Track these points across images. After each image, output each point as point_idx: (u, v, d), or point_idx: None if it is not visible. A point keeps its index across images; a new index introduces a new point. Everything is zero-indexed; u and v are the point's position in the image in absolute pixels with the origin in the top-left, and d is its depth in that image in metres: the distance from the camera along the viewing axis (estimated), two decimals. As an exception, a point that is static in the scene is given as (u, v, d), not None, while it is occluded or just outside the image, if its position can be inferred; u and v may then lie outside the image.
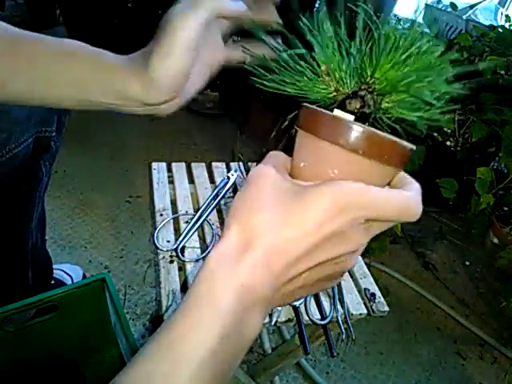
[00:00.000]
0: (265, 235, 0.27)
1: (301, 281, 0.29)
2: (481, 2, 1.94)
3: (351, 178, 0.28)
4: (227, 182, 0.80)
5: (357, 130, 0.29)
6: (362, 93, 0.34)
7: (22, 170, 0.71)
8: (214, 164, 0.92)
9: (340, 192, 0.27)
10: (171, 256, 0.69)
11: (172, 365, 0.26)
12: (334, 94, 0.35)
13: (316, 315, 0.65)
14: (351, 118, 0.32)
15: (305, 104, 0.33)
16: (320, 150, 0.31)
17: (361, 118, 0.33)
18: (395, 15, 2.07)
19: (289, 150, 0.35)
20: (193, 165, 0.91)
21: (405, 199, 0.29)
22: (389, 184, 0.34)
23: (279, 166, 0.32)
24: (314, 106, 0.32)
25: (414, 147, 0.32)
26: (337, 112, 0.32)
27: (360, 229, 0.29)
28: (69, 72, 0.40)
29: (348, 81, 0.34)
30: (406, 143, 0.31)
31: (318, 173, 0.31)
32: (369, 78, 0.34)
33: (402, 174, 0.33)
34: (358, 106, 0.33)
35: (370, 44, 0.34)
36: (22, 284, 0.90)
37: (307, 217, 0.27)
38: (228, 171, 0.84)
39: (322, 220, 0.27)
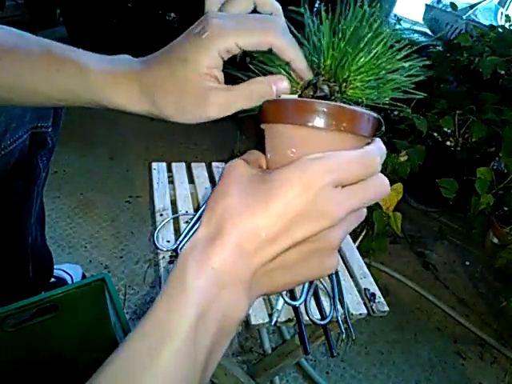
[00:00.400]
0: (233, 220, 0.28)
1: (278, 262, 0.29)
2: (481, 2, 1.94)
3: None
4: (227, 182, 0.80)
5: (321, 105, 0.30)
6: (316, 81, 0.36)
7: (19, 166, 0.70)
8: (214, 164, 0.92)
9: (299, 167, 0.28)
10: (171, 256, 0.69)
11: (156, 342, 0.27)
12: (297, 88, 0.37)
13: (316, 315, 0.65)
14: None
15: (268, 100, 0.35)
16: (282, 134, 0.32)
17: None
18: (395, 15, 2.07)
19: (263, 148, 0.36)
20: (193, 165, 0.91)
21: (363, 151, 0.30)
22: None
23: (251, 160, 0.33)
24: (284, 98, 0.34)
25: (376, 115, 0.32)
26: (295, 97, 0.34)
27: (332, 199, 0.28)
28: (52, 86, 0.39)
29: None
30: (366, 111, 0.32)
31: (282, 159, 0.32)
32: (325, 69, 0.36)
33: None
34: (311, 93, 0.35)
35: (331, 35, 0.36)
36: (23, 280, 0.90)
37: (274, 197, 0.27)
38: (228, 171, 0.84)
39: (288, 197, 0.27)
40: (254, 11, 0.38)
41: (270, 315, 0.64)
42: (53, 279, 1.04)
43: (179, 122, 0.39)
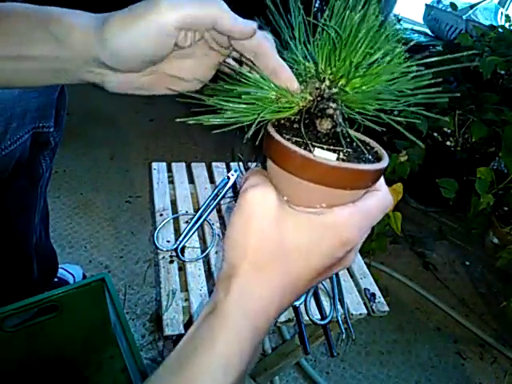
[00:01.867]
0: (276, 274, 0.29)
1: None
2: (481, 2, 1.94)
3: (338, 205, 0.30)
4: (227, 182, 0.80)
5: (327, 166, 0.28)
6: (329, 109, 0.32)
7: (21, 166, 0.70)
8: (214, 164, 0.92)
9: (338, 227, 0.29)
10: (171, 256, 0.69)
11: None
12: (297, 106, 0.33)
13: (316, 315, 0.65)
14: (333, 157, 0.30)
15: (272, 132, 0.31)
16: (300, 185, 0.30)
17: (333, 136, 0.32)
18: (395, 15, 2.07)
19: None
20: (193, 165, 0.91)
21: (382, 198, 0.31)
22: None
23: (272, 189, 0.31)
24: (285, 142, 0.30)
25: (384, 165, 0.31)
26: (317, 153, 0.30)
27: (355, 248, 0.31)
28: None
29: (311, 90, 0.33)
30: (373, 167, 0.30)
31: (305, 205, 0.31)
32: (331, 86, 0.33)
33: None
34: (329, 127, 0.32)
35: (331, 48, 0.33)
36: (27, 279, 0.90)
37: (312, 254, 0.29)
38: (228, 171, 0.84)
39: (325, 256, 0.29)
40: None
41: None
42: (56, 279, 1.04)
43: (134, 68, 0.35)
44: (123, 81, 0.37)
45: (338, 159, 0.30)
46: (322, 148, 0.31)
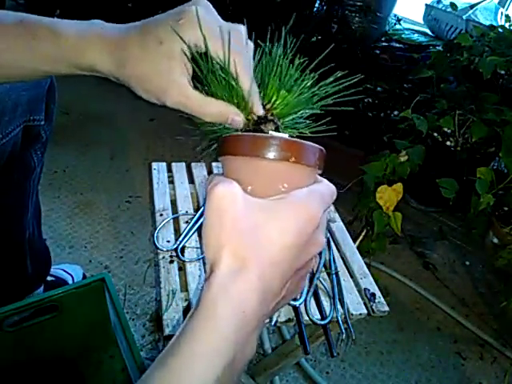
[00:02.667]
0: (254, 259, 0.29)
1: (284, 291, 0.32)
2: (481, 2, 1.94)
3: (296, 186, 0.33)
4: (227, 182, 0.80)
5: (273, 139, 0.34)
6: (271, 117, 0.41)
7: (13, 160, 0.70)
8: (213, 164, 0.92)
9: (301, 203, 0.31)
10: (171, 256, 0.69)
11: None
12: (246, 121, 0.41)
13: (316, 315, 0.65)
14: (286, 135, 0.36)
15: (232, 135, 0.37)
16: (262, 169, 0.34)
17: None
18: (395, 15, 2.07)
19: None
20: (193, 165, 0.91)
21: (327, 184, 0.35)
22: None
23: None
24: (247, 133, 0.38)
25: (319, 147, 0.37)
26: (272, 133, 0.38)
27: (321, 227, 0.32)
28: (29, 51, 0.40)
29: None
30: (311, 143, 0.35)
31: (268, 191, 0.34)
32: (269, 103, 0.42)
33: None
34: (273, 128, 0.40)
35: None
36: (21, 275, 0.90)
37: (284, 233, 0.30)
38: (228, 171, 0.84)
39: (296, 233, 0.30)
40: None
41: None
42: (53, 279, 1.04)
43: (137, 93, 0.41)
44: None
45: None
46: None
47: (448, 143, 1.39)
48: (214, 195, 0.30)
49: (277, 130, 0.41)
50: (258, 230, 0.30)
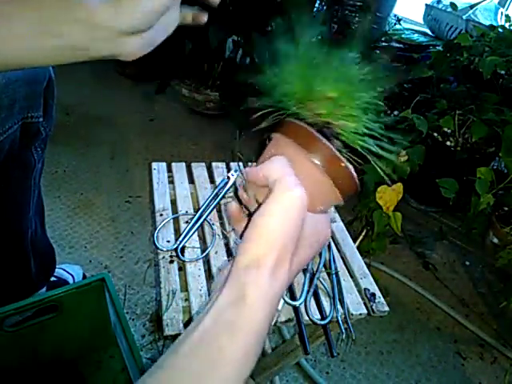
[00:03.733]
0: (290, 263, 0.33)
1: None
2: (481, 2, 1.94)
3: (325, 207, 0.38)
4: (227, 182, 0.80)
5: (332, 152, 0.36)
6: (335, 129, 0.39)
7: (12, 158, 0.70)
8: (214, 164, 0.92)
9: (327, 223, 0.40)
10: (171, 256, 0.69)
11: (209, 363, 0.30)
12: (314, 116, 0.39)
13: (316, 315, 0.65)
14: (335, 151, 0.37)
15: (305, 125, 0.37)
16: (287, 152, 0.36)
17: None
18: (395, 15, 2.07)
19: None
20: (193, 165, 0.91)
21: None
22: None
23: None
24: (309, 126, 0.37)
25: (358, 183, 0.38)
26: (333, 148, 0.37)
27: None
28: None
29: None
30: (355, 176, 0.38)
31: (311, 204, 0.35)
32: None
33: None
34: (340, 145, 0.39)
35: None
36: (26, 275, 0.89)
37: (316, 241, 0.37)
38: (228, 171, 0.84)
39: (318, 244, 0.38)
40: None
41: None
42: (54, 279, 1.04)
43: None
44: None
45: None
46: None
47: (448, 143, 1.39)
48: (292, 196, 0.32)
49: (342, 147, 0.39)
50: (301, 236, 0.34)
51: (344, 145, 0.39)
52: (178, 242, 0.70)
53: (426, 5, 2.19)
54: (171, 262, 0.69)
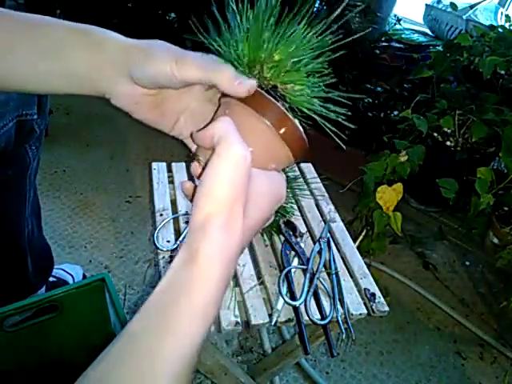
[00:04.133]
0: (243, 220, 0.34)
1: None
2: (481, 2, 1.94)
3: (277, 165, 0.40)
4: (227, 182, 0.80)
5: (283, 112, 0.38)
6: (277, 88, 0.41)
7: (7, 156, 0.70)
8: (214, 164, 0.91)
9: (283, 185, 0.40)
10: (171, 256, 0.69)
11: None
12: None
13: (316, 315, 0.65)
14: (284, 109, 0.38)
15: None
16: (264, 133, 0.38)
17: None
18: (395, 15, 2.07)
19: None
20: (193, 165, 0.91)
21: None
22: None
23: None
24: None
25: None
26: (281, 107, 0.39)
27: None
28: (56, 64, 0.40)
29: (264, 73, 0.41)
30: (303, 132, 0.39)
31: (262, 162, 0.38)
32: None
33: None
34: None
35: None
36: (23, 275, 0.89)
37: (268, 201, 0.37)
38: (228, 171, 0.84)
39: (273, 204, 0.38)
40: None
41: (270, 315, 0.64)
42: (54, 279, 1.04)
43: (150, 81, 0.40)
44: (130, 94, 0.42)
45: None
46: None
47: (448, 143, 1.38)
48: (234, 151, 0.33)
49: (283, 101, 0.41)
50: (250, 194, 0.34)
51: (290, 107, 0.41)
52: (178, 242, 0.70)
53: (426, 5, 2.19)
54: (171, 262, 0.69)
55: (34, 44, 0.40)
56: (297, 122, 0.39)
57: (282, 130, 0.37)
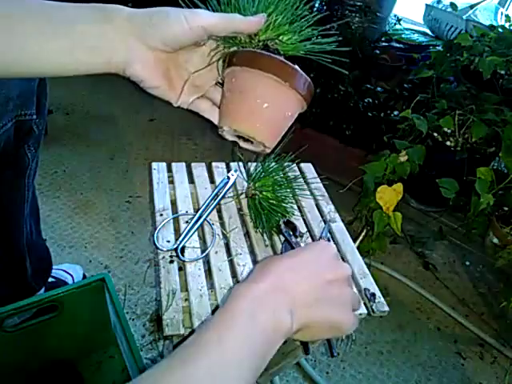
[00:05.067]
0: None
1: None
2: (481, 2, 1.94)
3: (292, 114, 0.47)
4: (227, 182, 0.80)
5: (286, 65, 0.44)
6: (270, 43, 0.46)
7: (6, 157, 0.69)
8: (214, 164, 0.91)
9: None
10: (171, 256, 0.69)
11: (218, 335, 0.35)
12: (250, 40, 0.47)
13: (316, 315, 0.65)
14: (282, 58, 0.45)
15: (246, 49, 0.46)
16: (248, 78, 0.44)
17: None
18: (395, 15, 2.07)
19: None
20: (193, 165, 0.91)
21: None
22: None
23: None
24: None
25: (310, 80, 0.45)
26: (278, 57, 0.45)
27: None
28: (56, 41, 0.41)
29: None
30: (306, 75, 0.44)
31: (280, 113, 0.46)
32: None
33: None
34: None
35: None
36: (21, 278, 0.89)
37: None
38: (228, 171, 0.84)
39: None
40: None
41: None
42: (53, 279, 1.03)
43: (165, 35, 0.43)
44: (142, 59, 0.44)
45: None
46: None
47: (448, 143, 1.38)
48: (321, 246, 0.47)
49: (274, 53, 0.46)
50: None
51: (287, 58, 0.46)
52: (178, 242, 0.70)
53: (426, 5, 2.18)
54: (171, 261, 0.69)
55: (39, 23, 0.40)
56: (297, 67, 0.43)
57: (289, 79, 0.42)
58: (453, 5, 1.70)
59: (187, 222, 0.76)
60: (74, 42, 0.41)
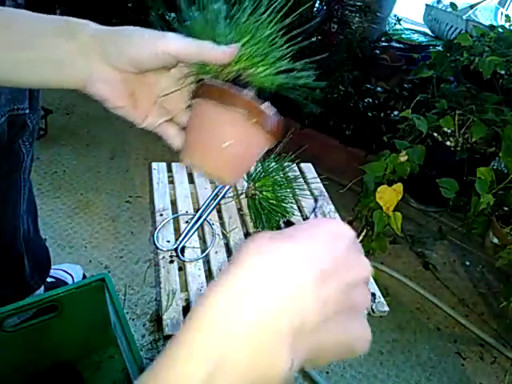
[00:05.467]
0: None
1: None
2: (481, 2, 1.94)
3: (257, 150, 0.43)
4: (227, 182, 0.80)
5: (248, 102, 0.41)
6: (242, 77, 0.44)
7: (0, 152, 0.69)
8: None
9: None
10: (171, 256, 0.69)
11: None
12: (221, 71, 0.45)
13: (316, 315, 0.65)
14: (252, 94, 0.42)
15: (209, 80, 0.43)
16: (210, 112, 0.41)
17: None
18: (395, 15, 2.07)
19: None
20: (193, 165, 0.91)
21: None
22: None
23: None
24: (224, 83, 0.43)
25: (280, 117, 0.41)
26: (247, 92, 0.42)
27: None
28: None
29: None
30: (275, 113, 0.41)
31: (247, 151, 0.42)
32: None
33: None
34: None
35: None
36: (19, 277, 0.88)
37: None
38: (228, 171, 0.84)
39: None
40: None
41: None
42: (53, 279, 1.03)
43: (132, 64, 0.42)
44: (105, 79, 0.42)
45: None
46: None
47: (448, 143, 1.38)
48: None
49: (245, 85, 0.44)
50: None
51: (259, 89, 0.44)
52: (178, 242, 0.70)
53: (426, 5, 2.18)
54: (171, 261, 0.69)
55: (2, 33, 0.40)
56: (266, 106, 0.41)
57: (256, 118, 0.39)
58: (453, 5, 1.70)
59: (187, 221, 0.76)
60: (38, 54, 0.40)
